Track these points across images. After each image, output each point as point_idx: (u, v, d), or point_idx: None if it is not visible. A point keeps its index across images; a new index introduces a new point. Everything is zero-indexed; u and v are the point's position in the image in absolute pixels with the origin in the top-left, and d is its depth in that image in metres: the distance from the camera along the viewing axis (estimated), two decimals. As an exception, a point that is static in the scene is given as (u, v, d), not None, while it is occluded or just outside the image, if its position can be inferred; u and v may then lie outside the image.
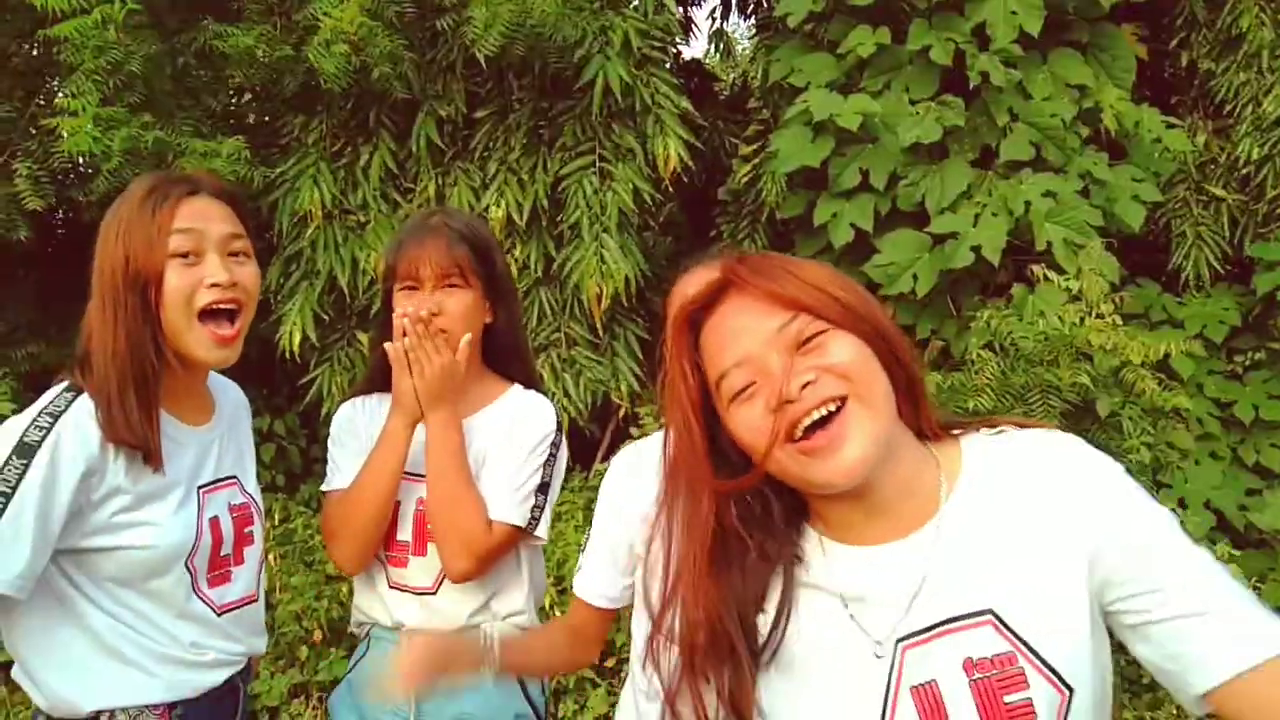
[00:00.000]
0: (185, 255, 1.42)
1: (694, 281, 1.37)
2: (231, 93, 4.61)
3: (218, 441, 1.58)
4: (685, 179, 4.34)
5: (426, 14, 4.05)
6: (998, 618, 0.97)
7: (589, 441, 4.50)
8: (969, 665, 0.96)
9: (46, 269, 4.93)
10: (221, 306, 1.44)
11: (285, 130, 4.40)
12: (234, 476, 1.60)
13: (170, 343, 1.43)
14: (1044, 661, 0.95)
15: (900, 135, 3.91)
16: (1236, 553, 3.76)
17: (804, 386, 0.96)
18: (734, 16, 5.52)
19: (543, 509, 1.78)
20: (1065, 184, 3.86)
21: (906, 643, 0.98)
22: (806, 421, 0.96)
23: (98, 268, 1.46)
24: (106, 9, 3.65)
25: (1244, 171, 4.54)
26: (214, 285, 1.42)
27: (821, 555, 1.05)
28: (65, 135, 3.69)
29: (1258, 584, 3.69)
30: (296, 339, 4.17)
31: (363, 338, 4.36)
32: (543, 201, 4.26)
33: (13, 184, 3.91)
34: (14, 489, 1.31)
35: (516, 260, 4.29)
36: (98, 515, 1.40)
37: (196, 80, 4.34)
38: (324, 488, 1.84)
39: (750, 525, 1.05)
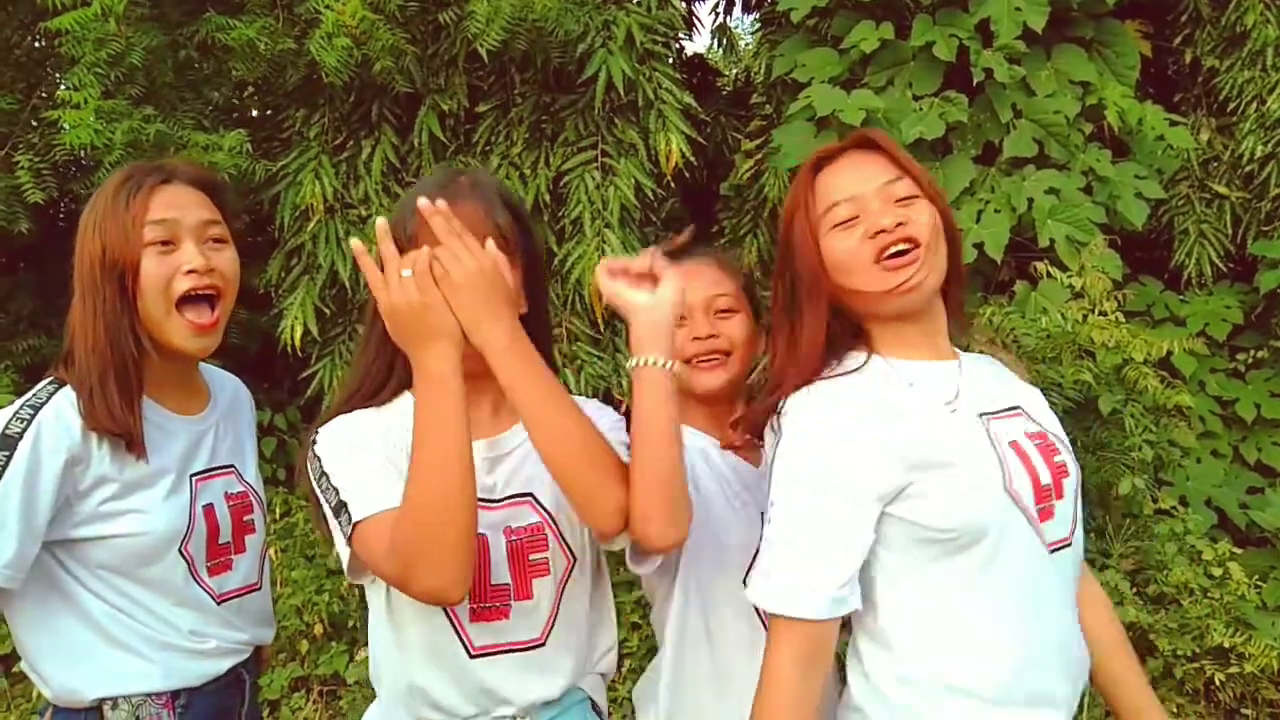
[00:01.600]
0: (161, 244, 1.41)
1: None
2: (233, 86, 4.60)
3: (212, 430, 1.57)
4: (687, 174, 4.33)
5: (428, 8, 4.04)
6: (1026, 412, 1.44)
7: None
8: (1028, 435, 1.38)
9: (48, 262, 4.93)
10: (200, 293, 1.43)
11: (287, 124, 4.40)
12: (231, 465, 1.59)
13: (149, 332, 1.42)
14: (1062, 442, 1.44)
15: (903, 131, 3.90)
16: (1238, 551, 3.76)
17: (896, 224, 1.30)
18: (737, 11, 5.51)
19: None
20: (1068, 181, 3.85)
21: (990, 416, 1.38)
22: (891, 251, 1.31)
23: (77, 260, 1.45)
24: (107, 1, 3.64)
25: (1247, 169, 4.53)
26: (190, 271, 1.41)
27: (887, 366, 1.38)
28: (67, 128, 3.69)
29: (1259, 582, 3.68)
30: (298, 333, 4.17)
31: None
32: (544, 196, 4.25)
33: (14, 176, 3.91)
34: None
35: (518, 255, 4.28)
36: (86, 504, 1.40)
37: (198, 73, 4.33)
38: (358, 516, 1.26)
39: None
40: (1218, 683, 3.45)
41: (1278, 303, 4.38)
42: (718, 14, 5.55)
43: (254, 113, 4.98)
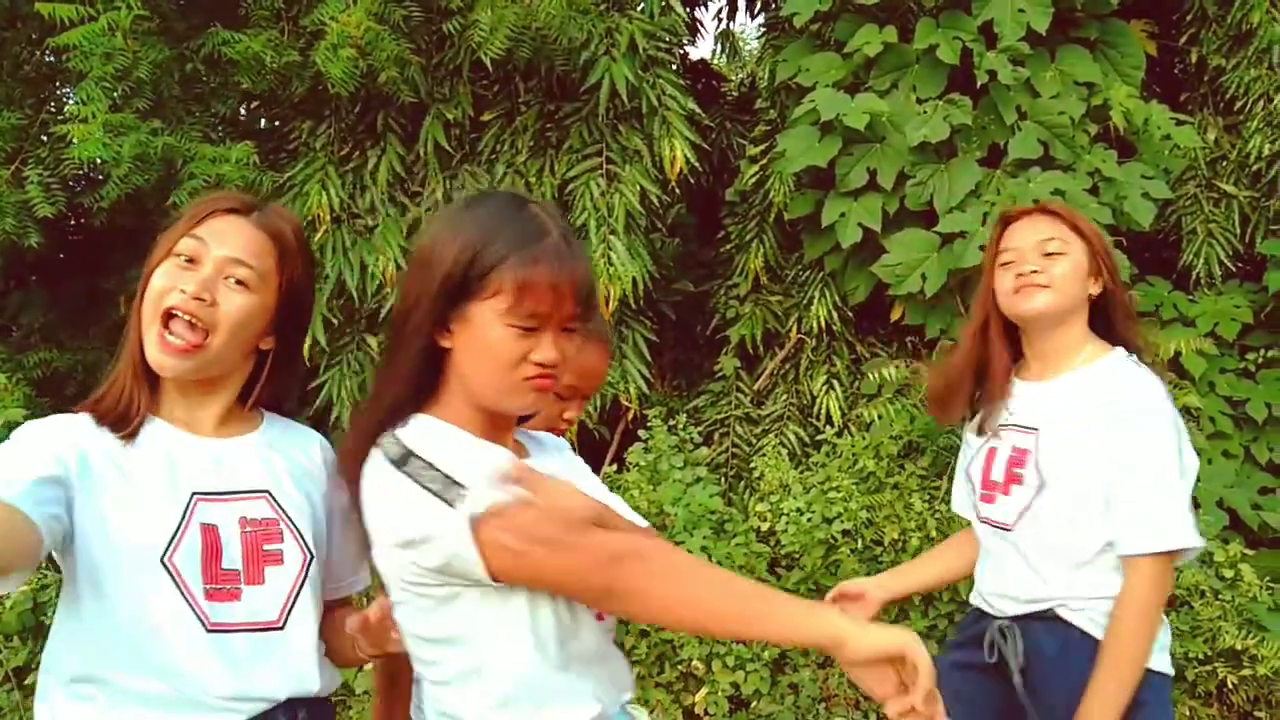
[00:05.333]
0: (186, 260, 1.39)
1: None
2: (240, 98, 4.63)
3: (244, 454, 1.46)
4: (692, 180, 4.34)
5: (433, 18, 4.06)
6: (1039, 432, 1.88)
7: (598, 444, 4.50)
8: (1014, 447, 1.94)
9: (58, 276, 4.96)
10: (185, 315, 1.36)
11: (293, 135, 4.42)
12: (263, 491, 1.45)
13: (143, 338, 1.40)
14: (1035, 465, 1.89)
15: (908, 134, 3.90)
16: (1250, 552, 3.74)
17: (1032, 271, 1.87)
18: (741, 16, 5.52)
19: None
20: (1074, 182, 3.84)
21: (1001, 427, 1.96)
22: (1022, 281, 1.89)
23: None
24: (114, 16, 3.67)
25: (1255, 168, 4.51)
26: (183, 291, 1.36)
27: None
28: (75, 142, 3.72)
29: (1271, 583, 3.66)
30: (305, 343, 4.18)
31: (372, 341, 4.38)
32: (550, 204, 4.26)
33: (24, 191, 3.94)
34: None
35: (524, 263, 4.29)
36: (82, 501, 1.32)
37: (205, 86, 4.36)
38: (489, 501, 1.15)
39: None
40: (1230, 685, 3.43)
41: (1287, 301, 4.36)
42: (721, 19, 5.60)
43: (261, 124, 5.00)
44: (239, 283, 1.40)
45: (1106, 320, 1.94)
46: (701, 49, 13.22)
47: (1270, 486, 4.22)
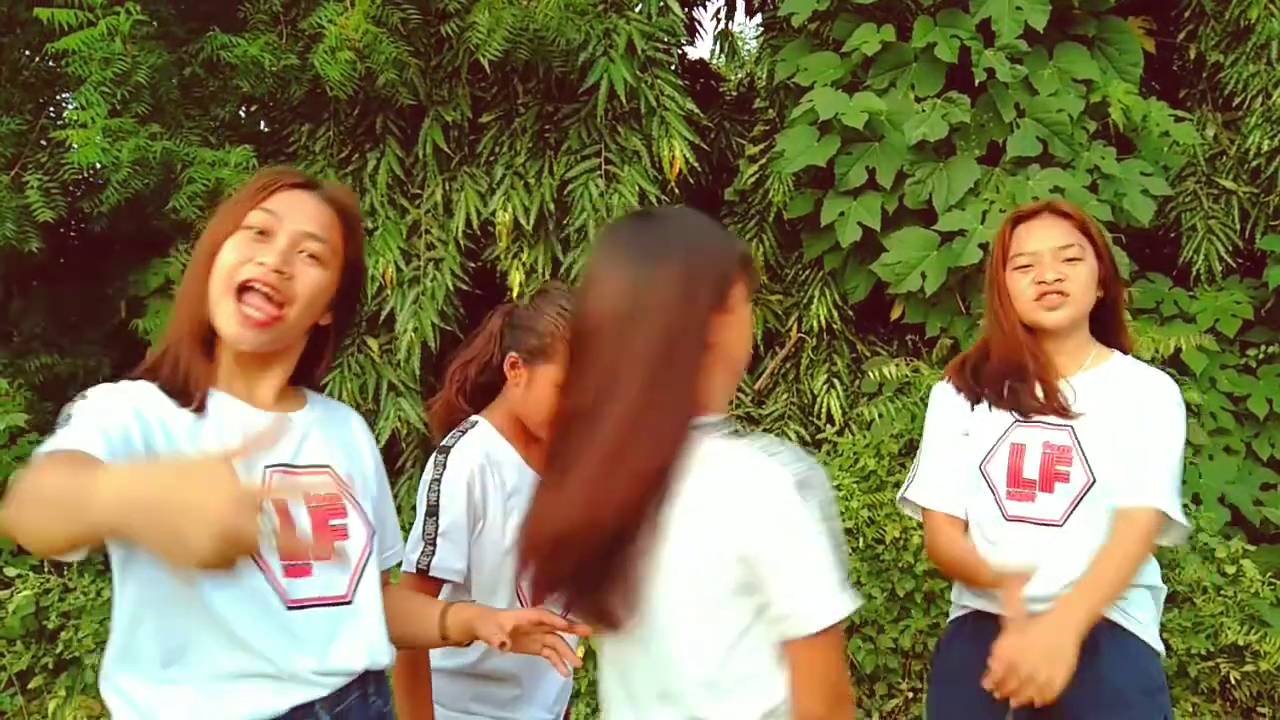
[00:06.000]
0: (257, 232, 1.34)
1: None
2: (239, 102, 4.63)
3: (302, 428, 1.43)
4: (691, 180, 4.34)
5: (430, 20, 4.07)
6: (1074, 428, 1.86)
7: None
8: (1045, 444, 1.89)
9: (59, 280, 4.97)
10: (263, 287, 1.33)
11: (292, 138, 4.43)
12: (326, 466, 1.44)
13: (209, 312, 1.34)
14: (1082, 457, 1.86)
15: (906, 133, 3.90)
16: (1251, 548, 3.74)
17: (1055, 280, 1.85)
18: (739, 16, 5.52)
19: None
20: (1073, 179, 3.84)
21: (1020, 423, 1.91)
22: (1044, 290, 1.86)
23: (207, 226, 1.41)
24: (113, 20, 3.68)
25: (1254, 164, 4.51)
26: (261, 264, 1.32)
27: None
28: (75, 147, 3.73)
29: (1273, 579, 3.66)
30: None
31: (372, 344, 4.38)
32: (549, 205, 4.27)
33: (24, 196, 3.95)
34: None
35: (524, 264, 4.30)
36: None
37: (204, 90, 4.37)
38: None
39: None
40: (1233, 681, 3.43)
41: (1288, 297, 4.36)
42: (719, 19, 5.57)
43: (260, 128, 5.01)
44: (312, 256, 1.38)
45: (1104, 324, 1.94)
46: (700, 49, 13.23)
47: (1271, 482, 4.22)
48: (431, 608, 1.57)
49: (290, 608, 1.31)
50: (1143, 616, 1.81)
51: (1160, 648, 1.84)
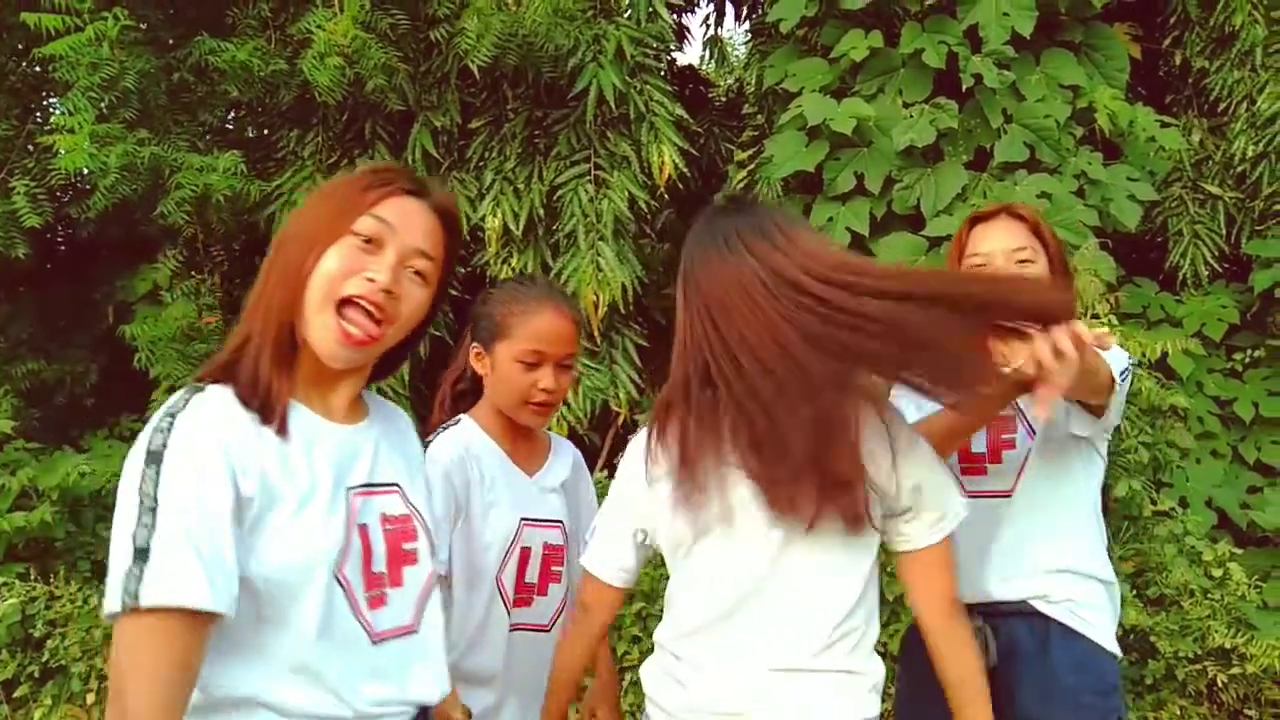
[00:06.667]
0: (365, 240, 1.24)
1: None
2: (227, 107, 4.62)
3: (371, 445, 1.34)
4: (681, 185, 4.35)
5: (419, 26, 4.07)
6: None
7: (589, 449, 4.50)
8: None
9: (46, 286, 4.95)
10: (367, 303, 1.23)
11: (281, 144, 4.42)
12: (395, 484, 1.35)
13: (301, 322, 1.23)
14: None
15: (894, 138, 3.92)
16: (1238, 551, 3.76)
17: None
18: (728, 22, 5.54)
19: None
20: (1060, 184, 3.86)
21: None
22: None
23: (294, 217, 1.30)
24: (100, 26, 3.67)
25: (1240, 169, 4.54)
26: (370, 280, 1.22)
27: None
28: (62, 152, 3.71)
29: (1260, 582, 3.68)
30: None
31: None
32: (539, 210, 4.27)
33: (11, 202, 3.94)
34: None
35: (514, 269, 4.30)
36: (256, 526, 1.17)
37: (192, 95, 4.36)
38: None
39: None
40: (1220, 684, 3.44)
41: (1273, 301, 4.39)
42: (708, 26, 5.59)
43: (248, 133, 5.00)
44: (418, 274, 1.28)
45: None
46: (689, 55, 13.26)
47: (1258, 486, 4.24)
48: None
49: (375, 642, 1.23)
50: (1094, 617, 1.82)
51: (1114, 649, 1.84)
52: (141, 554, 1.03)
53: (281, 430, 1.19)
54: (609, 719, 1.95)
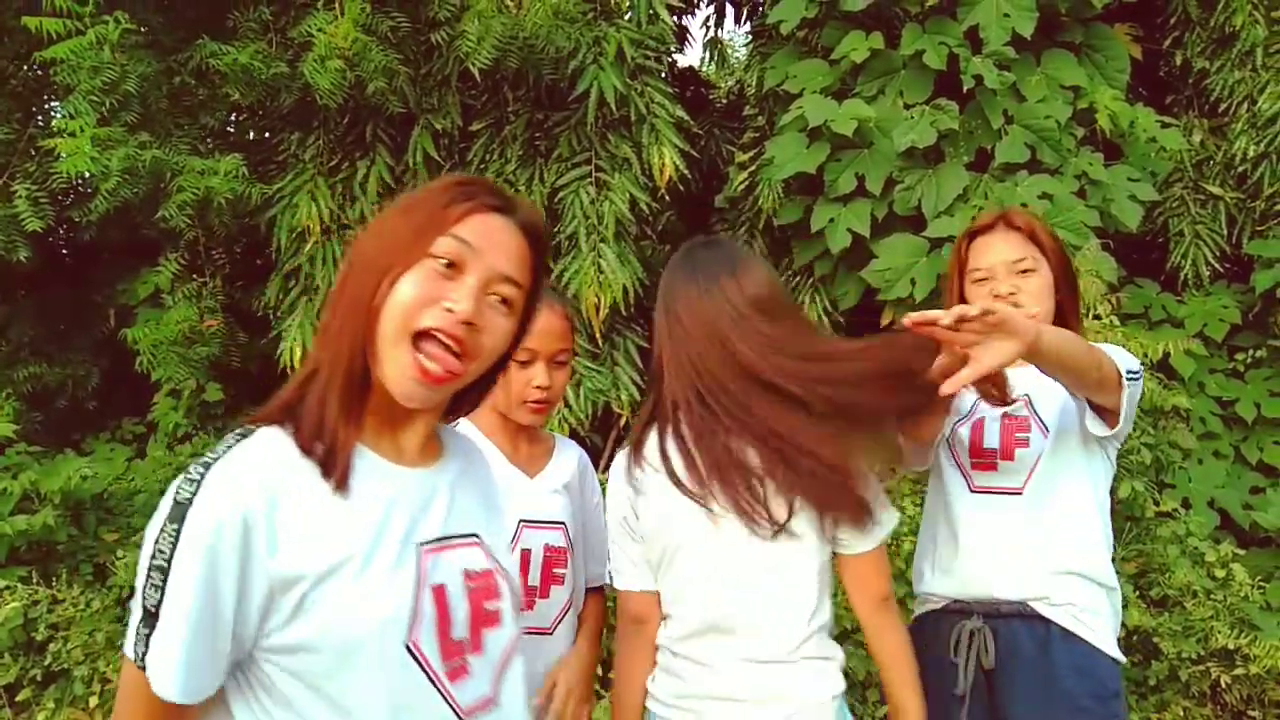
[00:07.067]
0: (446, 264, 1.09)
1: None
2: (228, 111, 4.63)
3: (447, 488, 1.18)
4: (682, 187, 4.35)
5: (420, 28, 4.07)
6: (1030, 398, 1.92)
7: (591, 451, 4.49)
8: (1005, 415, 1.95)
9: (47, 289, 4.95)
10: (445, 337, 1.08)
11: (282, 147, 4.42)
12: (474, 535, 1.19)
13: (373, 356, 1.09)
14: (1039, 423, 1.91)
15: (895, 139, 3.91)
16: (1241, 551, 3.76)
17: (1009, 293, 1.89)
18: (728, 24, 5.54)
19: None
20: (1061, 185, 3.86)
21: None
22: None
23: (369, 233, 1.16)
24: (101, 29, 3.67)
25: (1240, 169, 4.54)
26: (449, 310, 1.07)
27: None
28: (63, 156, 3.71)
29: (1263, 582, 3.67)
30: (297, 354, 4.18)
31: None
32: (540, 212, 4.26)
33: (12, 205, 3.94)
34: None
35: (515, 272, 4.30)
36: (301, 602, 1.03)
37: (193, 99, 4.36)
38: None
39: None
40: (1223, 684, 3.44)
41: (1275, 301, 4.38)
42: (709, 27, 5.58)
43: (249, 136, 5.00)
44: (503, 301, 1.13)
45: (1062, 325, 1.91)
46: (690, 57, 13.28)
47: (1260, 486, 4.24)
48: None
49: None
50: (1095, 622, 1.82)
51: (1116, 654, 1.84)
52: (150, 617, 0.97)
53: (342, 485, 1.04)
54: (569, 686, 1.80)
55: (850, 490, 1.49)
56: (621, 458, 1.64)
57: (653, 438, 1.56)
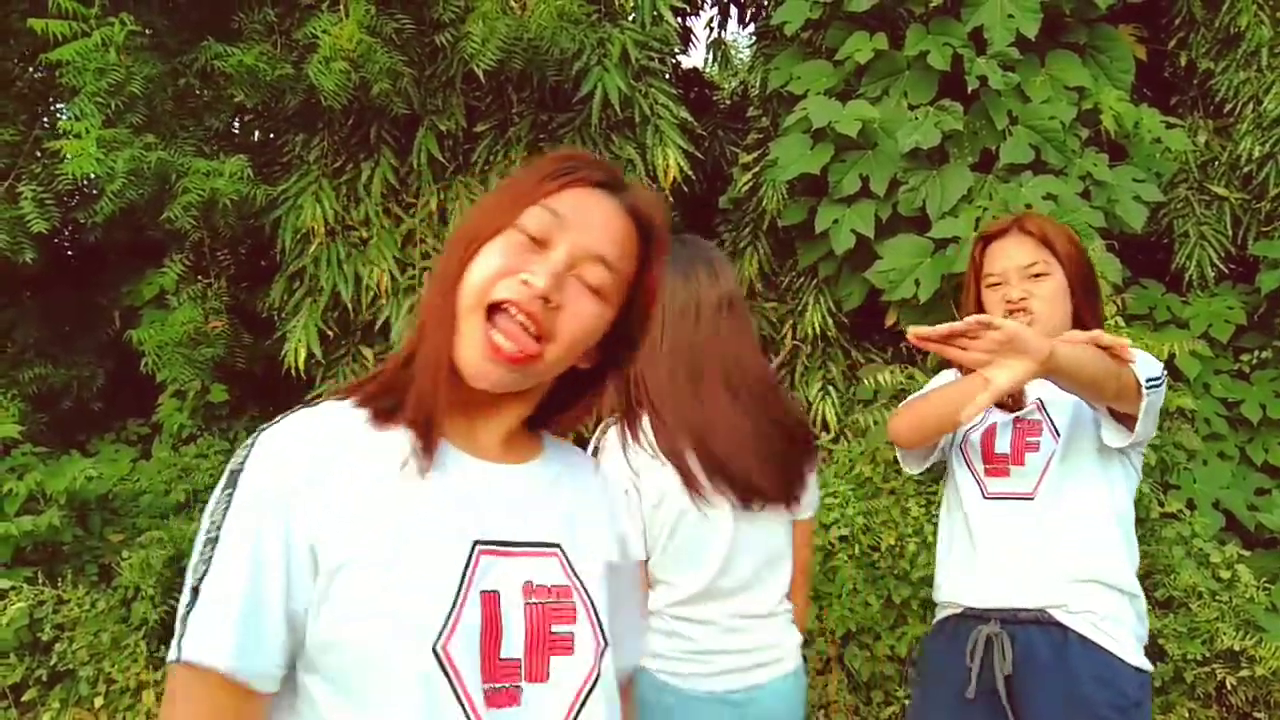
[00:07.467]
0: (535, 239, 1.00)
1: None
2: (233, 112, 4.64)
3: (529, 491, 1.06)
4: (686, 188, 4.34)
5: (425, 30, 4.07)
6: (1042, 400, 1.96)
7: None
8: (1016, 419, 2.01)
9: (53, 291, 4.96)
10: (520, 311, 0.98)
11: (287, 148, 4.43)
12: (555, 546, 1.04)
13: (454, 333, 1.01)
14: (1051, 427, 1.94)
15: (899, 140, 3.91)
16: (1246, 553, 3.75)
17: (1020, 298, 1.93)
18: (732, 25, 5.54)
19: None
20: (1066, 186, 3.86)
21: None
22: (1010, 308, 1.93)
23: (469, 211, 1.08)
24: (107, 31, 3.68)
25: (1246, 170, 4.53)
26: (525, 283, 0.97)
27: None
28: (69, 157, 3.72)
29: (1268, 584, 3.66)
30: (301, 355, 4.19)
31: (367, 353, 4.38)
32: (544, 214, 4.26)
33: (18, 207, 3.95)
34: None
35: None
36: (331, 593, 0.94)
37: (198, 100, 4.37)
38: None
39: None
40: (1229, 686, 3.43)
41: (1280, 302, 4.38)
42: (712, 29, 5.59)
43: (254, 138, 5.01)
44: (591, 287, 1.02)
45: (1081, 328, 1.91)
46: (693, 58, 13.25)
47: (1266, 487, 4.23)
48: None
49: None
50: (1115, 630, 1.81)
51: (1141, 663, 1.82)
52: (194, 594, 0.89)
53: (425, 471, 0.96)
54: None
55: (809, 467, 1.79)
56: (613, 434, 1.71)
57: (644, 420, 1.68)
